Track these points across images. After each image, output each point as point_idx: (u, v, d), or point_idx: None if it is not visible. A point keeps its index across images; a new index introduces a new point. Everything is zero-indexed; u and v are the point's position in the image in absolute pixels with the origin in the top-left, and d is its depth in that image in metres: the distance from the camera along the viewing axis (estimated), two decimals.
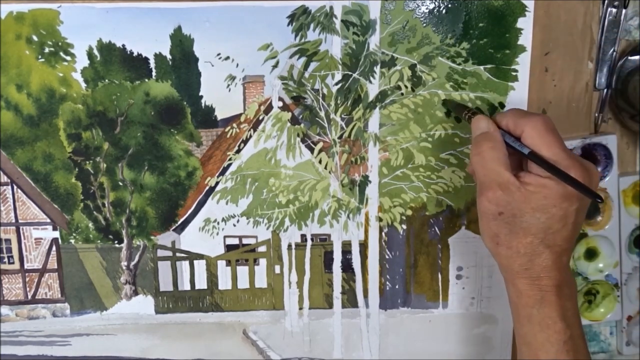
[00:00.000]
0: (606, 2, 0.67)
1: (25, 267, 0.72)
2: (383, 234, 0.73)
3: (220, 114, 0.68)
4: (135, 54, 0.65)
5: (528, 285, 0.53)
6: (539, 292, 0.53)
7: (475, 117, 0.58)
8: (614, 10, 0.67)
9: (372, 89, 0.68)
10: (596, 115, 0.71)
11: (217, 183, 0.70)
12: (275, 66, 0.66)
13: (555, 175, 0.51)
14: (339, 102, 0.68)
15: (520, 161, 0.56)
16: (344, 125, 0.69)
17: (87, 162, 0.69)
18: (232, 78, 0.66)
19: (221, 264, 0.73)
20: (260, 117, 0.69)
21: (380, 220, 0.72)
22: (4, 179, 0.69)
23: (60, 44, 0.64)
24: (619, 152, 0.72)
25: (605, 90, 0.70)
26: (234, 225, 0.71)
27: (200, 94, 0.67)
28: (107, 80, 0.66)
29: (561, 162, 0.51)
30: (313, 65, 0.67)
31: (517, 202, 0.52)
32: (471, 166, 0.56)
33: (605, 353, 0.79)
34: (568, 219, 0.52)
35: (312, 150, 0.70)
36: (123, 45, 0.65)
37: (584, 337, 0.55)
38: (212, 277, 0.74)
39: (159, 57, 0.65)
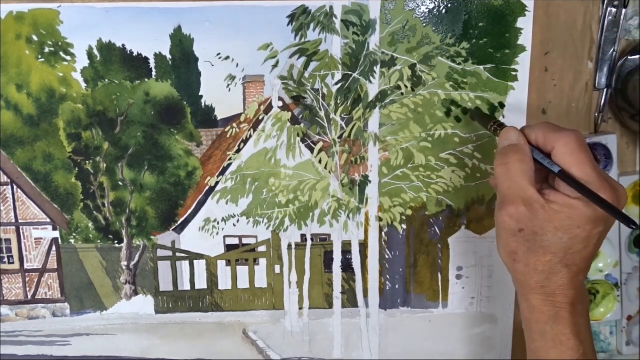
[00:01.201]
0: (606, 1, 0.67)
1: (25, 267, 0.72)
2: (383, 233, 0.73)
3: (220, 114, 0.68)
4: (135, 53, 0.65)
5: (542, 302, 0.53)
6: (552, 309, 0.52)
7: (505, 128, 0.56)
8: (614, 10, 0.67)
9: (372, 88, 0.68)
10: (596, 115, 0.71)
11: (217, 183, 0.70)
12: (275, 66, 0.66)
13: (587, 197, 0.49)
14: (339, 102, 0.68)
15: (545, 176, 0.55)
16: (344, 125, 0.69)
17: (87, 162, 0.69)
18: (232, 78, 0.66)
19: (221, 263, 0.73)
20: (260, 117, 0.69)
21: (380, 220, 0.72)
22: (4, 178, 0.69)
23: (60, 43, 0.64)
24: (619, 152, 0.72)
25: (605, 90, 0.70)
26: (234, 225, 0.71)
27: (200, 93, 0.67)
28: (107, 80, 0.66)
29: (593, 183, 0.50)
30: (313, 65, 0.67)
31: (540, 220, 0.51)
32: (494, 178, 0.55)
33: (605, 353, 0.79)
34: (591, 240, 0.51)
35: (312, 150, 0.70)
36: (123, 45, 0.65)
37: (594, 351, 0.54)
38: (212, 277, 0.74)
39: (159, 57, 0.65)
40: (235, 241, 0.72)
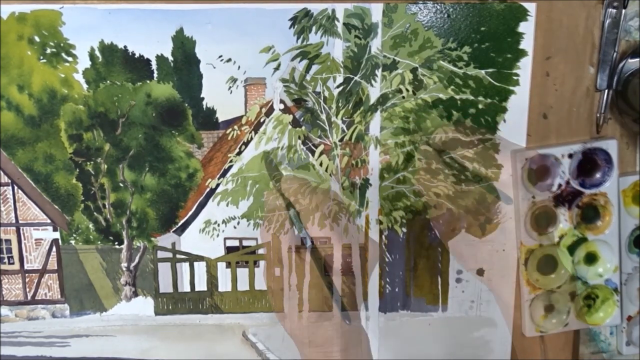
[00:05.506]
0: (606, 2, 0.67)
1: (25, 267, 0.72)
2: (383, 237, 0.73)
3: (221, 116, 0.68)
4: (137, 55, 0.65)
5: None
6: None
7: None
8: (614, 11, 0.67)
9: (374, 92, 0.68)
10: (598, 115, 0.71)
11: (217, 185, 0.70)
12: (276, 68, 0.66)
13: None
14: (340, 105, 0.68)
15: None
16: (345, 128, 0.69)
17: (88, 163, 0.69)
18: (234, 80, 0.66)
19: (221, 265, 0.73)
20: (262, 120, 0.69)
21: (381, 223, 0.72)
22: (5, 179, 0.69)
23: (62, 44, 0.64)
24: (619, 152, 0.72)
25: (606, 91, 0.70)
26: (235, 227, 0.71)
27: (202, 95, 0.67)
28: (108, 82, 0.66)
29: None
30: (315, 67, 0.67)
31: None
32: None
33: (605, 353, 0.79)
34: None
35: (313, 152, 0.70)
36: (125, 47, 0.65)
37: None
38: (212, 279, 0.74)
39: (160, 58, 0.65)
40: (236, 243, 0.72)
